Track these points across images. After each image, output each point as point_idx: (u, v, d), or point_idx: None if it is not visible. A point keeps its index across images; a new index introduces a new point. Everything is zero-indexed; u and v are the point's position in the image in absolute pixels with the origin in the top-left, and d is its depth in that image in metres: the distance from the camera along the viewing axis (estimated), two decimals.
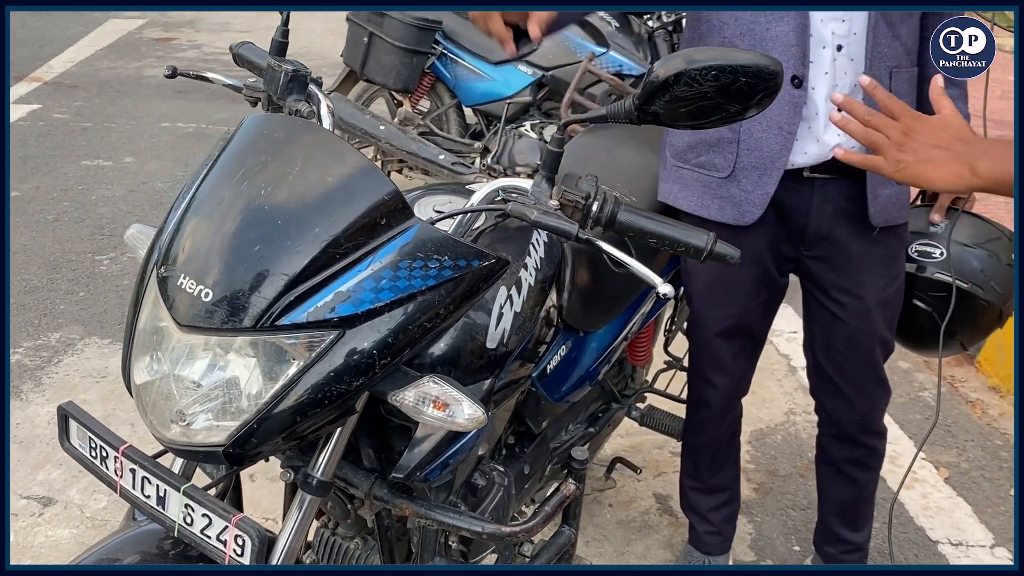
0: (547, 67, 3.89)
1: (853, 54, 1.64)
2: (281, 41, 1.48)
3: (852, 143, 1.66)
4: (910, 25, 1.69)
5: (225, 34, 7.70)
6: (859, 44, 1.63)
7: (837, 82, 1.64)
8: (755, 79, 1.13)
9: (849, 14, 1.61)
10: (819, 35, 1.62)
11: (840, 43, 1.63)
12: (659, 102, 1.15)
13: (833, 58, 1.63)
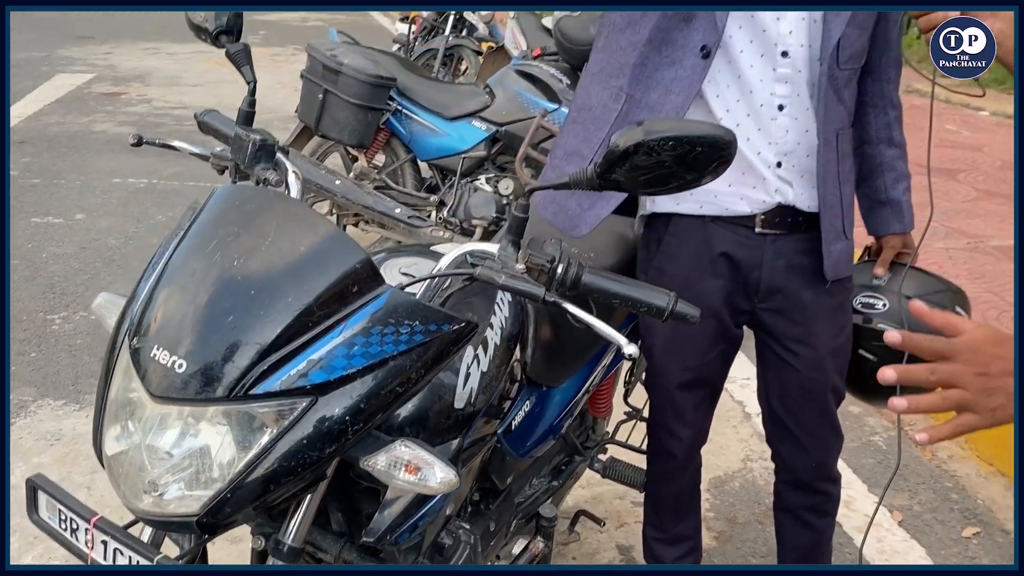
0: (501, 123, 3.96)
1: (797, 114, 1.70)
2: (248, 111, 1.51)
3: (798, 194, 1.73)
4: (851, 89, 1.76)
5: (175, 88, 7.70)
6: (802, 105, 1.70)
7: (776, 140, 1.70)
8: (710, 148, 1.18)
9: (791, 77, 1.67)
10: (757, 93, 1.67)
11: (782, 103, 1.69)
12: (619, 171, 1.20)
13: (772, 117, 1.69)
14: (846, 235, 1.82)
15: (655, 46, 1.65)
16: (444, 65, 6.83)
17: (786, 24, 1.64)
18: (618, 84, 1.69)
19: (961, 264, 3.89)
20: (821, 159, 1.72)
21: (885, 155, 1.88)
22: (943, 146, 5.69)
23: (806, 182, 1.74)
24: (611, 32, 1.70)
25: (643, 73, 1.67)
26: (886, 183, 1.89)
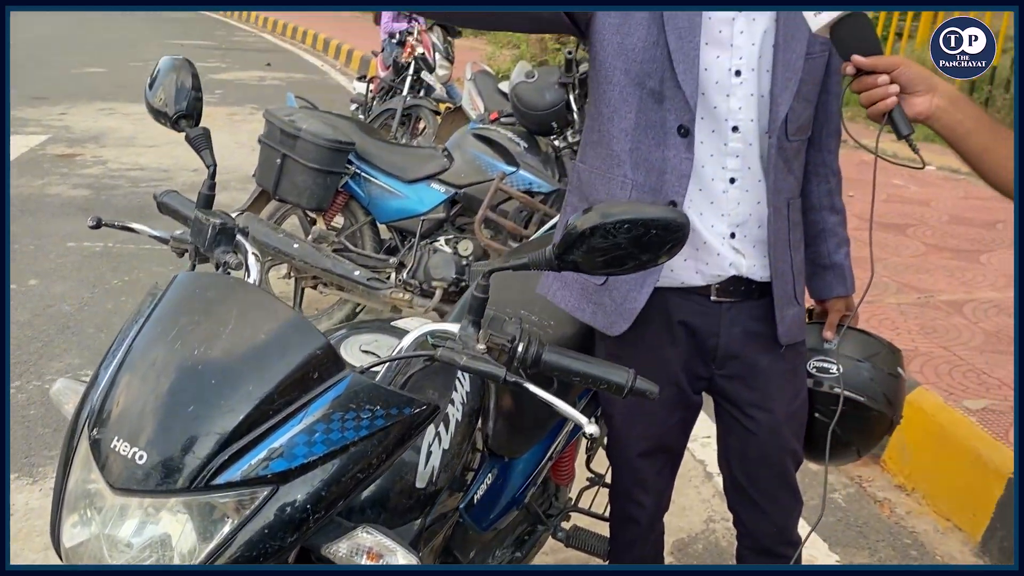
0: (460, 185, 4.00)
1: (748, 186, 1.75)
2: (207, 194, 1.52)
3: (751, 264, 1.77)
4: (800, 159, 1.82)
5: (131, 148, 7.67)
6: (753, 177, 1.74)
7: (728, 212, 1.74)
8: (664, 231, 1.21)
9: (742, 151, 1.72)
10: (708, 167, 1.71)
11: (733, 176, 1.74)
12: (577, 252, 1.22)
13: (724, 190, 1.73)
14: (797, 301, 1.87)
15: (643, 130, 1.71)
16: (402, 125, 6.89)
17: (735, 101, 1.69)
18: (622, 172, 1.74)
19: (912, 319, 3.97)
20: (772, 229, 1.77)
21: (827, 221, 1.94)
22: (892, 201, 5.84)
23: (758, 252, 1.78)
24: (601, 124, 1.76)
25: (640, 157, 1.72)
26: (829, 248, 1.96)
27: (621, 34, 1.67)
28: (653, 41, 1.65)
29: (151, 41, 15.92)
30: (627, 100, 1.69)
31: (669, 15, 1.63)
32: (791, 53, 1.68)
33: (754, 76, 1.68)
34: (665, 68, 1.65)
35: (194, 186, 6.47)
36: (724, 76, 1.67)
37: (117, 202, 6.11)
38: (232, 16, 22.05)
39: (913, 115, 1.46)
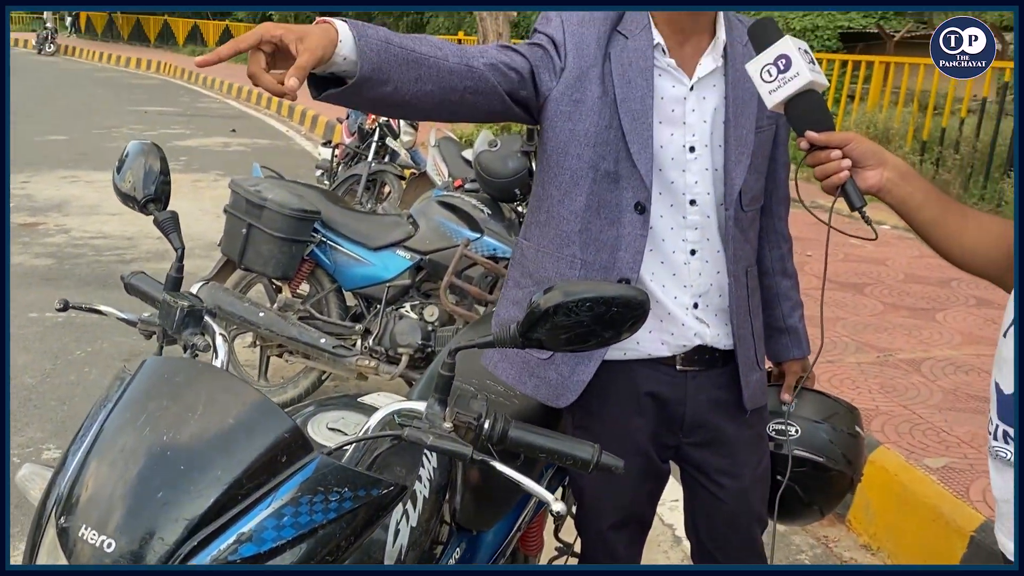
0: (425, 251, 4.03)
1: (708, 257, 1.80)
2: (175, 276, 1.53)
3: (715, 334, 1.82)
4: (755, 228, 1.88)
5: (95, 217, 7.65)
6: (712, 248, 1.80)
7: (690, 283, 1.79)
8: (624, 308, 1.25)
9: (700, 223, 1.77)
10: (669, 241, 1.76)
11: (694, 248, 1.78)
12: (541, 330, 1.25)
13: (685, 262, 1.78)
14: (759, 366, 1.92)
15: (593, 210, 1.74)
16: (368, 190, 6.94)
17: (691, 175, 1.75)
18: (571, 252, 1.77)
19: (872, 378, 4.03)
20: (733, 297, 1.82)
21: (781, 286, 2.01)
22: (849, 260, 5.96)
23: (721, 320, 1.83)
24: (550, 206, 1.79)
25: (590, 237, 1.76)
26: (783, 312, 2.01)
27: (573, 120, 1.71)
28: (606, 125, 1.70)
29: (114, 108, 15.97)
30: (578, 183, 1.74)
31: (622, 99, 1.69)
32: (741, 129, 1.75)
33: (707, 151, 1.75)
34: (620, 149, 1.70)
35: (158, 254, 6.49)
36: (679, 152, 1.73)
37: (80, 271, 6.07)
38: (197, 82, 22.17)
39: (865, 188, 1.52)
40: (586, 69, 1.70)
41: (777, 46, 1.53)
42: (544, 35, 1.73)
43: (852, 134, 1.55)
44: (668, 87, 1.72)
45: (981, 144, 8.21)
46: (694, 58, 1.75)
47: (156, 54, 29.70)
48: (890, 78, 9.66)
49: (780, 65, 1.52)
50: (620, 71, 1.70)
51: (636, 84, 1.70)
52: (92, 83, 20.89)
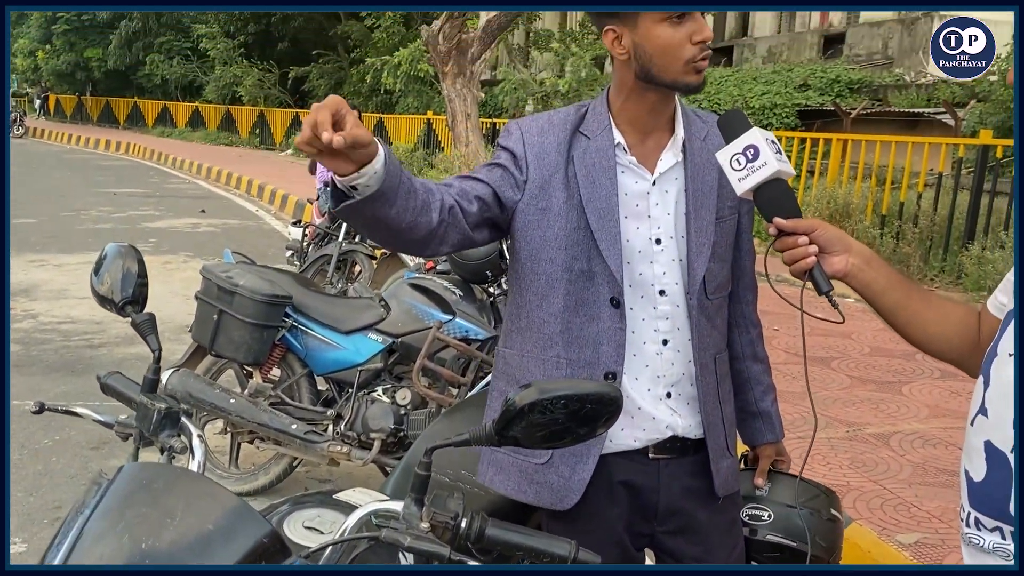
0: (397, 334, 4.05)
1: (679, 346, 1.84)
2: (152, 378, 1.54)
3: (686, 424, 1.85)
4: (722, 315, 1.93)
5: (63, 301, 7.60)
6: (683, 337, 1.84)
7: (663, 373, 1.83)
8: (599, 405, 1.28)
9: (671, 313, 1.81)
10: (640, 332, 1.81)
11: (666, 338, 1.82)
12: (517, 428, 1.28)
13: (657, 352, 1.82)
14: (730, 452, 1.94)
15: (572, 310, 1.79)
16: (338, 270, 6.97)
17: (659, 267, 1.80)
18: (555, 353, 1.81)
19: (842, 453, 4.07)
20: (701, 385, 1.85)
21: (752, 370, 2.03)
22: (815, 334, 6.04)
23: (692, 409, 1.86)
24: (528, 311, 1.84)
25: (572, 336, 1.79)
26: (755, 396, 2.03)
27: (542, 227, 1.78)
28: (574, 227, 1.76)
29: (83, 190, 15.99)
30: (554, 285, 1.79)
31: (588, 199, 1.76)
32: (701, 220, 1.81)
33: (673, 243, 1.80)
34: (591, 248, 1.76)
35: (127, 338, 6.44)
36: (646, 245, 1.79)
37: (48, 358, 6.01)
38: (166, 163, 22.28)
39: (831, 273, 1.57)
40: (548, 177, 1.77)
41: (746, 136, 1.60)
42: (505, 150, 1.81)
43: (818, 221, 1.61)
44: (631, 183, 1.79)
45: (939, 218, 8.42)
46: (655, 153, 1.81)
47: (125, 135, 29.88)
48: (848, 154, 9.92)
49: (749, 155, 1.59)
50: (584, 172, 1.77)
51: (600, 184, 1.76)
52: (61, 165, 20.92)
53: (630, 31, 1.71)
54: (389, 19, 22.28)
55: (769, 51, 20.29)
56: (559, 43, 18.67)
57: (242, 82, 27.78)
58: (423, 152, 18.46)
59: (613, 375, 1.79)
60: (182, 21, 31.76)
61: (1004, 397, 1.27)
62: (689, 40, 1.68)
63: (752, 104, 14.09)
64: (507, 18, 11.68)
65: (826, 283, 1.56)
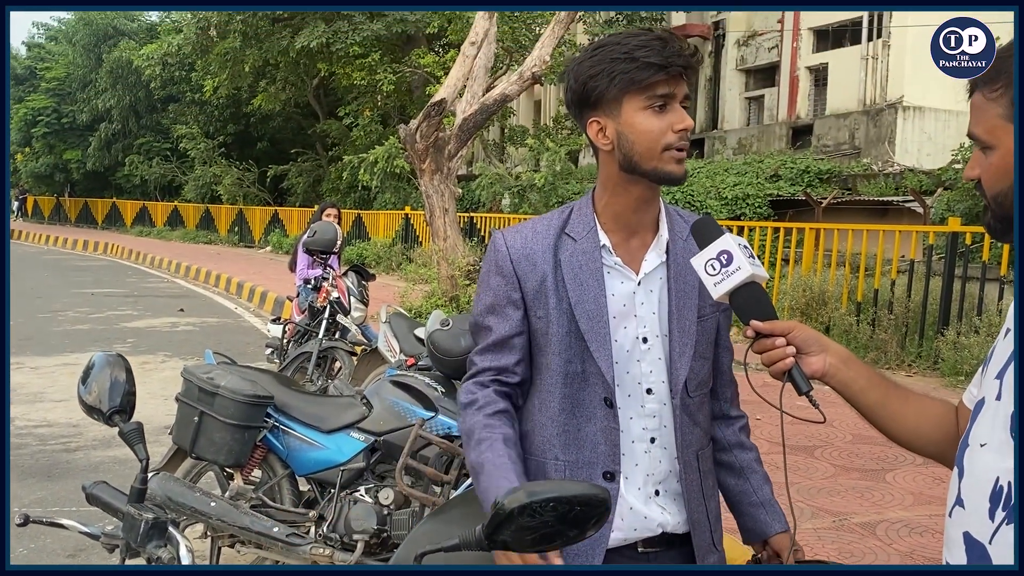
0: (379, 432, 4.03)
1: (666, 443, 1.85)
2: (139, 488, 1.54)
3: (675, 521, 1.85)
4: (704, 411, 1.94)
5: (39, 404, 7.51)
6: (670, 434, 1.85)
7: (651, 471, 1.84)
8: (587, 507, 1.29)
9: (658, 411, 1.83)
10: (629, 431, 1.82)
11: (654, 435, 1.84)
12: (506, 531, 1.28)
13: (646, 450, 1.83)
14: (716, 548, 1.94)
15: (568, 412, 1.82)
16: (318, 367, 6.95)
17: (646, 365, 1.83)
18: (553, 455, 1.83)
19: (829, 543, 4.05)
20: (685, 482, 1.86)
21: (743, 458, 2.02)
22: (797, 423, 6.06)
23: (677, 505, 1.86)
24: (531, 416, 1.88)
25: (569, 438, 1.82)
26: (753, 485, 2.00)
27: (539, 334, 1.84)
28: (566, 331, 1.80)
29: (60, 290, 15.94)
30: (552, 390, 1.83)
31: (576, 301, 1.80)
32: (684, 320, 1.84)
33: (659, 342, 1.84)
34: (583, 350, 1.80)
35: (104, 441, 6.36)
36: (633, 344, 1.82)
37: (24, 462, 5.91)
38: (144, 262, 22.29)
39: (810, 373, 1.59)
40: (539, 285, 1.83)
41: (718, 243, 1.64)
42: (495, 269, 1.88)
43: (794, 323, 1.64)
44: (617, 284, 1.83)
45: (913, 304, 8.54)
46: (640, 253, 1.85)
47: (104, 235, 29.96)
48: (821, 242, 10.11)
49: (723, 260, 1.63)
50: (572, 275, 1.81)
51: (588, 285, 1.81)
52: (38, 266, 20.89)
53: (613, 121, 1.77)
54: (367, 118, 22.70)
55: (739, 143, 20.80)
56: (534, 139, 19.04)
57: (221, 181, 28.08)
58: (401, 247, 18.61)
59: (611, 474, 1.80)
60: (161, 123, 32.20)
61: (978, 487, 1.29)
62: (671, 128, 1.74)
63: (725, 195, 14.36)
64: (482, 116, 11.92)
65: (806, 383, 1.57)
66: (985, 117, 1.32)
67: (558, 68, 18.51)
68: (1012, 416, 1.25)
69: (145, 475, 1.55)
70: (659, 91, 1.72)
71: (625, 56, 1.71)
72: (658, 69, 1.70)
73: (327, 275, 7.27)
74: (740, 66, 22.14)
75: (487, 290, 1.89)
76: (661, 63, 1.69)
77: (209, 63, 25.46)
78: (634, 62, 1.70)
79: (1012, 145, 1.27)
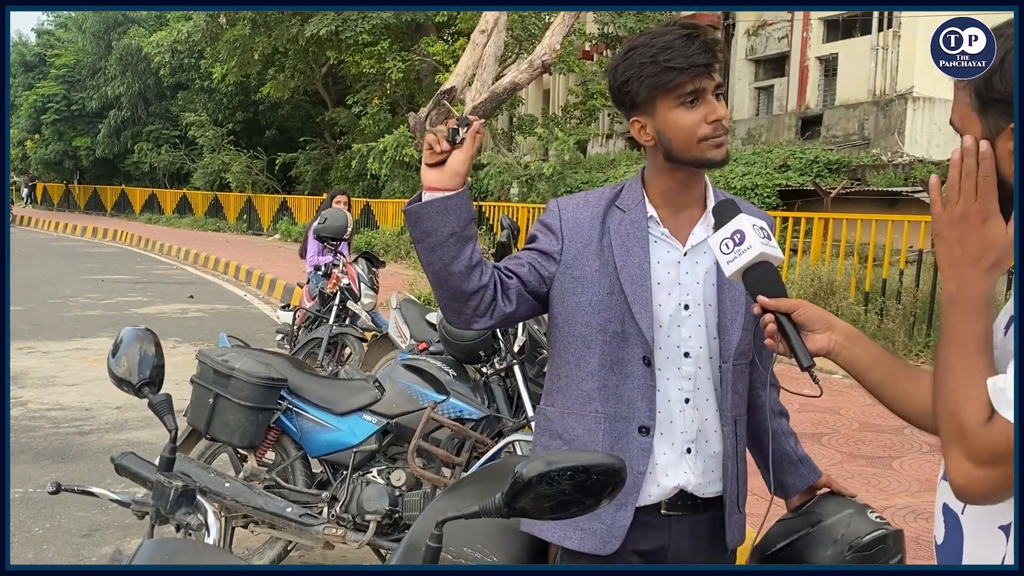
0: (391, 415, 4.08)
1: (699, 405, 1.93)
2: (169, 457, 1.58)
3: (698, 481, 1.91)
4: (744, 380, 2.01)
5: (51, 388, 7.58)
6: (703, 397, 1.93)
7: (685, 429, 1.91)
8: (604, 475, 1.33)
9: (694, 374, 1.91)
10: (665, 391, 1.90)
11: (688, 396, 1.92)
12: (525, 499, 1.33)
13: (681, 409, 1.91)
14: (740, 509, 2.03)
15: (608, 368, 1.90)
16: (328, 353, 7.00)
17: (686, 331, 1.92)
18: (593, 408, 1.92)
19: None
20: (722, 444, 1.94)
21: (781, 424, 2.17)
22: (804, 411, 6.10)
23: (707, 467, 1.95)
24: (568, 371, 1.96)
25: (607, 393, 1.91)
26: (791, 446, 2.15)
27: (577, 294, 1.91)
28: (607, 292, 1.89)
29: (70, 277, 16.02)
30: (590, 346, 1.91)
31: (622, 266, 1.89)
32: (734, 290, 1.93)
33: (700, 310, 1.93)
34: (624, 311, 1.89)
35: (117, 424, 6.43)
36: (676, 311, 1.91)
37: (37, 444, 5.98)
38: (153, 249, 22.39)
39: (815, 351, 1.63)
40: (582, 247, 1.92)
41: (733, 223, 1.69)
42: (543, 225, 1.98)
43: (801, 301, 1.68)
44: (664, 253, 1.93)
45: (922, 294, 8.56)
46: (688, 227, 1.95)
47: (113, 222, 30.06)
48: (830, 232, 10.12)
49: (736, 239, 1.67)
50: (619, 241, 1.91)
51: (634, 252, 1.90)
52: (48, 253, 20.99)
53: (651, 120, 1.88)
54: (376, 106, 22.73)
55: (748, 133, 20.77)
56: (543, 127, 19.06)
57: (230, 168, 28.14)
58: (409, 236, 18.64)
59: (647, 429, 1.89)
60: (170, 110, 32.29)
61: None
62: (704, 120, 1.83)
63: (734, 185, 14.37)
64: (492, 105, 11.96)
65: (807, 359, 1.62)
66: (958, 107, 1.37)
67: (568, 57, 18.55)
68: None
69: (175, 444, 1.60)
70: (687, 89, 1.82)
71: (651, 60, 1.81)
72: (681, 71, 1.78)
73: (337, 262, 7.32)
74: (750, 56, 22.11)
75: (531, 236, 2.00)
76: (682, 66, 1.79)
77: (218, 50, 25.52)
78: (658, 66, 1.80)
79: (977, 134, 1.32)
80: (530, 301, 1.95)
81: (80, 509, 4.80)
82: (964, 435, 1.23)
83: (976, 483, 1.21)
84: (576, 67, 19.64)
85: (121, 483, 5.04)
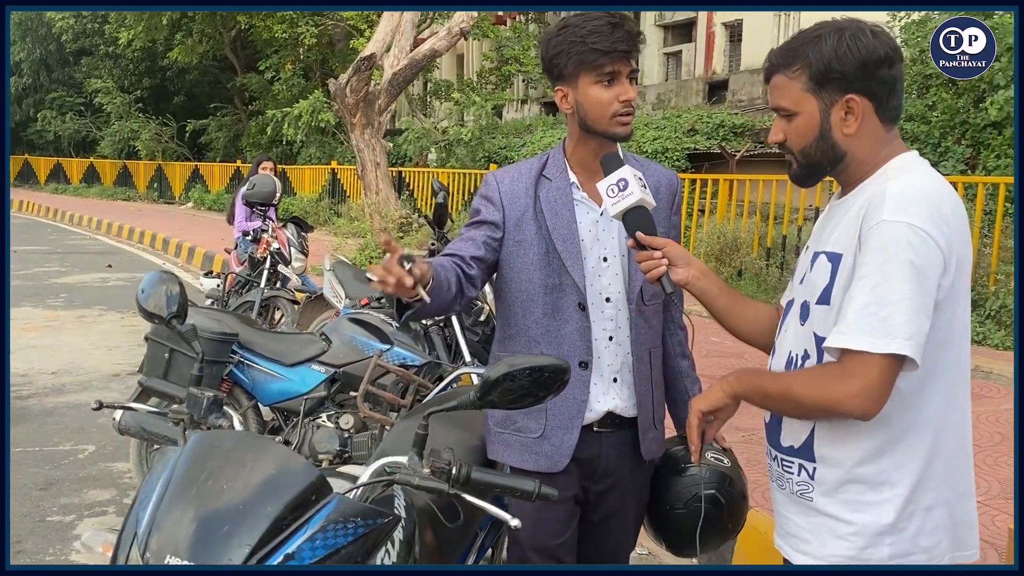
0: (338, 364, 4.41)
1: (621, 341, 2.31)
2: (198, 375, 1.91)
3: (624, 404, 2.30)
4: (658, 317, 2.39)
5: None
6: (624, 334, 2.30)
7: (611, 362, 2.29)
8: (554, 373, 1.72)
9: (614, 315, 2.28)
10: (595, 331, 2.27)
11: (611, 335, 2.29)
12: (494, 393, 1.71)
13: (606, 346, 2.29)
14: (656, 426, 2.41)
15: (550, 316, 2.26)
16: (260, 316, 7.23)
17: (606, 279, 2.29)
18: (539, 351, 2.26)
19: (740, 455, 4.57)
20: (636, 373, 2.32)
21: (681, 366, 2.50)
22: (712, 356, 6.63)
23: (629, 393, 2.32)
24: (515, 320, 2.32)
25: (551, 336, 2.27)
26: (685, 387, 2.49)
27: (519, 255, 2.27)
28: (544, 251, 2.25)
29: None
30: (534, 298, 2.27)
31: (553, 228, 2.24)
32: None
33: (616, 260, 2.29)
34: (560, 267, 2.25)
35: (55, 388, 6.61)
36: (597, 262, 2.28)
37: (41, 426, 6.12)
38: (63, 220, 21.94)
39: (676, 281, 2.05)
40: (520, 215, 2.27)
41: (618, 172, 2.07)
42: (484, 198, 2.30)
43: (668, 240, 2.09)
44: (584, 214, 2.28)
45: None
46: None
47: (18, 193, 29.19)
48: (735, 193, 10.69)
49: (620, 186, 2.06)
50: (549, 207, 2.26)
51: (562, 215, 2.26)
52: None
53: (573, 91, 2.21)
54: (288, 71, 22.58)
55: (658, 98, 21.30)
56: (459, 93, 19.29)
57: (139, 136, 27.60)
58: (328, 202, 18.71)
59: (585, 363, 2.26)
60: (74, 76, 31.39)
61: (780, 360, 1.87)
62: (616, 99, 2.17)
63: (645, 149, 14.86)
64: (412, 71, 12.20)
65: (671, 286, 2.04)
66: (789, 91, 1.79)
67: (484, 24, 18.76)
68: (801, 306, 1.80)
69: (203, 364, 1.93)
70: (606, 69, 2.15)
71: (580, 40, 2.15)
72: (603, 54, 2.13)
73: (266, 227, 7.52)
74: (658, 22, 22.63)
75: (475, 209, 2.32)
76: (607, 49, 2.13)
77: (123, 15, 24.91)
78: (585, 46, 2.13)
79: (813, 110, 1.75)
80: (488, 273, 2.30)
81: (33, 465, 5.01)
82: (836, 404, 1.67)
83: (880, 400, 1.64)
84: (491, 32, 19.87)
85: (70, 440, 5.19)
